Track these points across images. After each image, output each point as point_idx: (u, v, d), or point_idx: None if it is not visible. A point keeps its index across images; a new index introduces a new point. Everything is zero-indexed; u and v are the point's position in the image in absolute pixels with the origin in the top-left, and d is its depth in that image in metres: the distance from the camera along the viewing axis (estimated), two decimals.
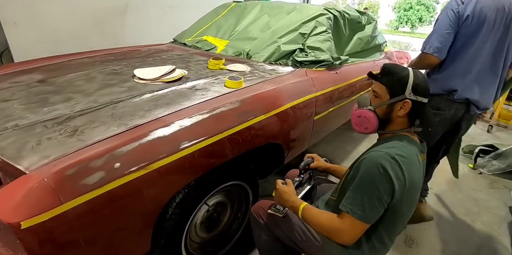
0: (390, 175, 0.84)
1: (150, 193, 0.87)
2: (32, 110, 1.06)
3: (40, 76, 1.45)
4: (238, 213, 1.46)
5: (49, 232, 0.69)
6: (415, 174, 0.89)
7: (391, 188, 0.84)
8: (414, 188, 0.90)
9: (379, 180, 0.85)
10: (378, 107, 0.98)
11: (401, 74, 0.94)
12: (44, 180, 0.70)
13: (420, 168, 0.93)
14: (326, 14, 2.07)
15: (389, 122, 0.99)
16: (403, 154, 0.87)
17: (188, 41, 2.28)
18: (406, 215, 0.96)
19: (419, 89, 0.93)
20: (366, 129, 1.00)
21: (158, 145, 0.90)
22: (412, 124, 0.99)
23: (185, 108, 1.08)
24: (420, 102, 0.94)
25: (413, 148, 0.94)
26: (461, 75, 1.44)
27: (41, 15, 2.76)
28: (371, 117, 0.97)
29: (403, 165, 0.85)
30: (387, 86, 0.96)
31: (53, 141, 0.87)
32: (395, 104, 0.95)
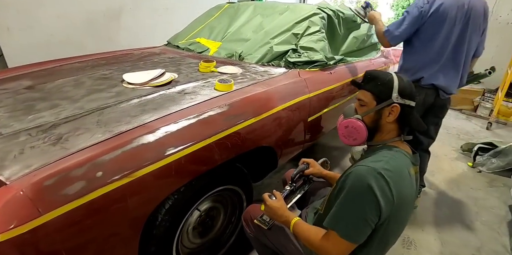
0: (376, 194, 0.78)
1: (135, 202, 0.86)
2: (17, 118, 1.04)
3: (29, 82, 1.44)
4: (232, 218, 1.44)
5: (28, 245, 0.68)
6: (405, 189, 0.84)
7: (377, 208, 0.78)
8: (404, 204, 0.85)
9: (364, 199, 0.79)
10: (365, 115, 0.94)
11: (386, 79, 0.91)
12: (22, 192, 0.68)
13: (411, 181, 0.87)
14: (320, 14, 2.05)
15: (378, 131, 0.94)
16: (390, 169, 0.81)
17: (181, 44, 2.27)
18: (398, 232, 0.92)
19: (405, 92, 0.90)
20: (355, 140, 0.96)
21: (142, 152, 0.88)
22: (402, 132, 0.95)
23: (172, 113, 1.06)
24: (408, 105, 0.91)
25: (402, 160, 0.88)
26: (429, 65, 1.61)
27: (34, 20, 2.75)
28: (360, 126, 0.93)
29: (390, 181, 0.79)
30: (372, 92, 0.92)
31: (36, 150, 0.85)
32: (383, 110, 0.91)
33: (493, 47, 3.86)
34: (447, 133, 3.22)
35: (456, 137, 3.13)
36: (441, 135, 3.12)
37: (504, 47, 3.75)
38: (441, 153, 2.76)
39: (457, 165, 2.56)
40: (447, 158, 2.68)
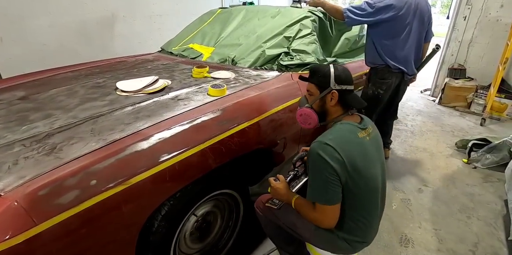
0: (326, 159, 0.95)
1: (130, 209, 0.86)
2: (10, 129, 1.05)
3: (23, 93, 1.44)
4: (229, 222, 1.45)
5: (24, 254, 0.68)
6: (355, 150, 1.00)
7: (333, 170, 0.95)
8: (360, 162, 1.00)
9: (319, 165, 0.97)
10: (313, 103, 1.13)
11: (323, 71, 1.10)
12: (16, 202, 0.69)
13: (362, 144, 1.03)
14: (311, 17, 2.08)
15: (327, 114, 1.13)
16: (335, 137, 0.99)
17: (174, 50, 2.28)
18: (367, 189, 1.04)
19: (341, 79, 1.08)
20: (309, 124, 1.15)
21: (136, 159, 0.89)
22: (346, 110, 1.12)
23: (166, 119, 1.08)
24: (345, 90, 1.09)
25: (347, 128, 1.05)
26: (398, 54, 2.01)
27: (27, 30, 2.76)
28: (310, 112, 1.13)
29: (336, 147, 0.96)
30: (315, 83, 1.12)
31: (30, 160, 0.86)
32: (325, 96, 1.10)
33: (484, 44, 3.91)
34: (441, 130, 3.25)
35: (450, 134, 3.16)
36: (436, 133, 3.16)
37: (495, 43, 3.79)
38: (436, 150, 2.78)
39: (452, 162, 2.58)
40: (442, 155, 2.70)
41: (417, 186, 2.21)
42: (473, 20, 3.89)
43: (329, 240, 1.09)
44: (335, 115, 1.12)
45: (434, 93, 4.45)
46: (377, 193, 1.09)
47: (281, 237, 1.28)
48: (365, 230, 1.08)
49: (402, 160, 2.59)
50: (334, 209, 0.99)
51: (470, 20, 3.90)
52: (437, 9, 22.32)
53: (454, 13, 4.01)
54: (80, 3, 3.05)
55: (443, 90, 4.04)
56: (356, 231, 1.06)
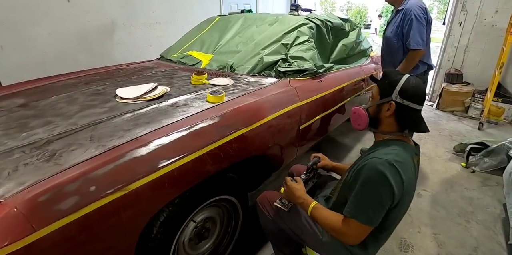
0: (390, 181, 0.89)
1: (129, 215, 0.87)
2: (11, 136, 1.06)
3: (23, 100, 1.46)
4: (228, 228, 1.45)
5: None
6: (411, 177, 0.97)
7: (392, 193, 0.90)
8: (410, 190, 0.98)
9: (381, 187, 0.91)
10: (369, 106, 1.09)
11: (394, 78, 1.03)
12: (16, 209, 0.69)
13: (414, 169, 1.01)
14: (308, 24, 2.11)
15: (379, 122, 1.07)
16: (400, 160, 0.93)
17: (173, 57, 2.31)
18: (402, 215, 1.04)
19: (407, 93, 0.99)
20: (359, 125, 1.11)
21: (135, 166, 0.90)
22: (401, 128, 1.04)
23: (165, 126, 1.09)
24: (407, 106, 1.00)
25: (408, 152, 1.00)
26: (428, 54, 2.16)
27: (27, 38, 2.79)
28: (363, 114, 1.08)
29: (401, 171, 0.92)
30: (379, 87, 1.06)
31: (30, 167, 0.87)
32: (383, 104, 1.03)
33: (479, 49, 3.96)
34: (439, 135, 3.26)
35: (448, 138, 3.17)
36: (434, 137, 3.17)
37: (491, 48, 3.84)
38: (435, 154, 2.79)
39: (451, 166, 2.59)
40: (440, 159, 2.71)
41: (416, 191, 2.21)
42: (468, 26, 3.95)
43: (336, 252, 1.07)
44: (388, 129, 1.05)
45: (432, 97, 4.48)
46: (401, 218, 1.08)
47: (280, 237, 1.27)
48: (377, 247, 1.08)
49: None
50: (368, 230, 0.94)
51: (466, 26, 3.96)
52: (433, 15, 22.51)
53: (450, 19, 4.07)
54: (81, 11, 3.10)
55: (441, 95, 4.08)
56: (369, 248, 1.05)
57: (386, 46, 2.19)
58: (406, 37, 1.99)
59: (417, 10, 1.94)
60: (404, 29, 1.99)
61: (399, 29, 2.03)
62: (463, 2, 3.89)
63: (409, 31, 1.96)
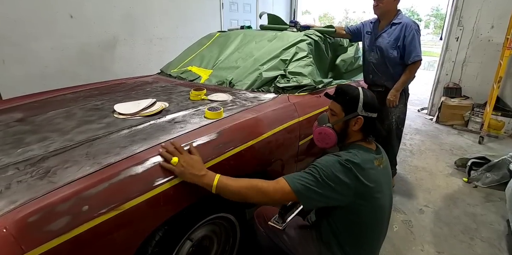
0: (338, 171, 0.93)
1: (123, 235, 0.84)
2: (5, 152, 1.05)
3: (20, 114, 1.46)
4: (226, 247, 1.41)
5: None
6: (368, 178, 0.96)
7: (339, 190, 0.93)
8: (371, 188, 0.97)
9: (328, 170, 0.94)
10: (335, 123, 1.11)
11: (353, 94, 1.07)
12: (5, 229, 0.67)
13: (376, 170, 1.01)
14: (307, 40, 2.14)
15: (346, 136, 1.11)
16: (353, 159, 0.96)
17: (173, 72, 2.33)
18: (373, 217, 1.02)
19: (368, 106, 1.06)
20: (327, 144, 1.13)
21: (130, 184, 0.88)
22: (366, 135, 1.11)
23: (162, 143, 1.08)
24: (370, 117, 1.07)
25: (366, 154, 1.03)
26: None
27: (29, 52, 2.83)
28: (331, 133, 1.10)
29: (354, 168, 0.94)
30: (341, 104, 1.09)
31: (23, 185, 0.85)
32: (350, 120, 1.08)
33: (477, 63, 4.01)
34: (440, 149, 3.24)
35: (449, 152, 3.15)
36: (434, 151, 3.15)
37: (488, 63, 3.89)
38: (436, 169, 2.76)
39: (453, 181, 2.55)
40: (442, 174, 2.68)
41: (418, 207, 2.17)
42: (465, 41, 4.01)
43: None
44: (354, 140, 1.10)
45: (431, 111, 4.49)
46: (383, 222, 1.08)
47: (275, 254, 1.25)
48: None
49: (402, 180, 2.56)
50: (289, 195, 0.94)
51: (463, 41, 4.03)
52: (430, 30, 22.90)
53: (447, 34, 4.15)
54: (83, 26, 3.16)
55: (440, 109, 4.09)
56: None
57: (381, 57, 2.18)
58: (409, 49, 2.05)
59: (415, 26, 2.07)
60: (405, 41, 2.06)
61: (400, 41, 2.07)
62: (459, 18, 3.97)
63: (411, 44, 2.03)
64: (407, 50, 2.06)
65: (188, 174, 0.94)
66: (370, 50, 2.25)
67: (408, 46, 2.05)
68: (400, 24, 2.08)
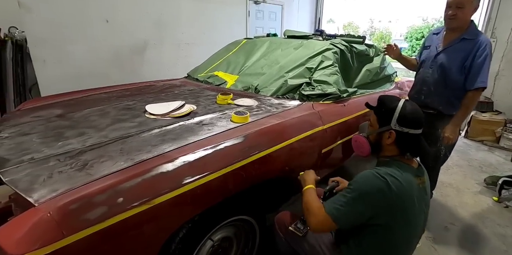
0: (374, 191, 0.91)
1: (152, 228, 0.88)
2: (47, 144, 1.12)
3: (60, 111, 1.55)
4: (245, 250, 1.42)
5: None
6: (408, 197, 0.94)
7: (373, 207, 0.91)
8: (407, 208, 0.94)
9: (363, 192, 0.92)
10: (370, 134, 1.11)
11: (390, 106, 1.04)
12: (49, 214, 0.72)
13: (413, 189, 0.97)
14: (332, 49, 2.15)
15: (381, 149, 1.09)
16: (391, 174, 0.94)
17: (200, 77, 2.40)
18: (405, 235, 0.98)
19: (405, 121, 1.01)
20: (361, 152, 1.15)
21: (161, 181, 0.92)
22: (403, 152, 1.05)
23: (190, 143, 1.12)
24: (406, 132, 1.01)
25: (406, 172, 0.98)
26: None
27: (67, 54, 3.02)
28: (364, 142, 1.11)
29: (391, 184, 0.91)
30: (377, 116, 1.08)
31: (63, 175, 0.91)
32: (383, 133, 1.05)
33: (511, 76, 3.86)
34: (468, 165, 3.11)
35: (478, 169, 3.01)
36: (462, 168, 3.03)
37: None
38: (464, 186, 2.65)
39: (481, 200, 2.44)
40: (470, 191, 2.56)
41: (443, 224, 2.09)
42: (499, 53, 3.87)
43: None
44: (390, 154, 1.06)
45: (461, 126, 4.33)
46: (413, 241, 1.05)
47: None
48: None
49: None
50: (328, 222, 0.94)
51: (496, 53, 3.88)
52: None
53: None
54: (116, 31, 3.33)
55: (469, 123, 3.93)
56: None
57: (440, 77, 1.81)
58: (474, 72, 1.67)
59: (490, 45, 1.68)
60: (473, 62, 1.67)
61: (468, 61, 1.69)
62: (492, 29, 3.85)
63: (480, 66, 1.65)
64: (472, 72, 1.67)
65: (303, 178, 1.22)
66: (427, 67, 1.87)
67: (476, 68, 1.66)
68: (473, 40, 1.68)
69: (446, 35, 1.81)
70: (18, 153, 1.07)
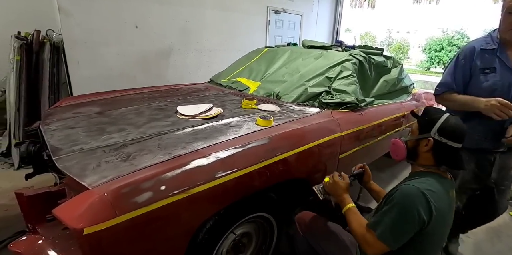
0: (419, 210, 0.94)
1: (187, 216, 0.98)
2: (93, 137, 1.25)
3: (98, 108, 1.69)
4: (262, 246, 1.50)
5: (103, 240, 0.81)
6: (444, 207, 0.99)
7: (419, 222, 0.94)
8: (442, 219, 1.00)
9: (408, 214, 0.95)
10: (409, 140, 1.15)
11: (433, 116, 1.09)
12: (105, 195, 0.83)
13: (450, 202, 1.04)
14: (351, 60, 2.24)
15: (417, 156, 1.13)
16: (432, 189, 0.98)
17: (223, 82, 2.52)
18: (434, 243, 1.05)
19: (445, 132, 1.05)
20: (396, 156, 1.18)
21: (196, 173, 1.03)
22: (438, 162, 1.10)
23: (220, 142, 1.22)
24: (445, 143, 1.05)
25: (442, 184, 1.03)
26: None
27: (99, 56, 3.22)
28: (401, 146, 1.15)
29: (432, 200, 0.96)
30: (419, 124, 1.14)
31: (110, 164, 1.03)
32: (421, 140, 1.10)
33: None
34: None
35: None
36: None
37: None
38: None
39: None
40: None
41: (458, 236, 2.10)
42: None
43: None
44: (425, 163, 1.11)
45: None
46: (438, 249, 1.11)
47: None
48: None
49: None
50: (383, 248, 0.97)
51: None
52: None
53: None
54: (145, 36, 3.53)
55: None
56: None
57: None
58: None
59: None
60: None
61: None
62: None
63: None
64: None
65: (332, 193, 1.20)
66: (506, 98, 1.32)
67: None
68: None
69: (511, 52, 1.40)
70: (68, 143, 1.20)
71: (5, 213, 2.11)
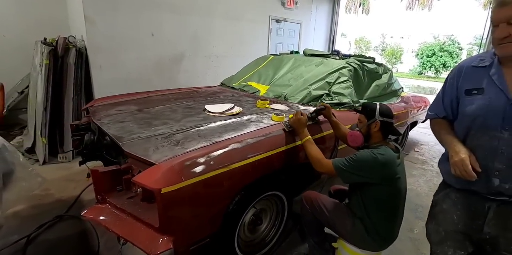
0: (370, 165, 1.34)
1: (227, 185, 1.31)
2: (144, 128, 1.57)
3: (135, 107, 2.01)
4: (275, 222, 1.82)
5: (174, 198, 1.13)
6: (393, 167, 1.37)
7: (369, 173, 1.35)
8: (395, 176, 1.38)
9: (366, 162, 1.34)
10: (361, 128, 1.52)
11: (372, 107, 1.51)
12: (173, 166, 1.15)
13: (397, 163, 1.39)
14: (348, 67, 2.59)
15: (370, 137, 1.50)
16: (383, 153, 1.36)
17: (235, 85, 2.86)
18: (397, 197, 1.44)
19: (384, 113, 1.47)
20: (356, 143, 1.52)
21: (233, 154, 1.35)
22: (385, 136, 1.50)
23: (247, 132, 1.55)
24: (386, 121, 1.47)
25: (390, 151, 1.40)
26: None
27: (119, 61, 3.53)
28: (359, 135, 1.50)
29: (383, 160, 1.34)
30: (365, 114, 1.52)
31: (165, 148, 1.34)
32: (371, 124, 1.48)
33: None
34: None
35: None
36: None
37: None
38: None
39: None
40: None
41: None
42: None
43: (361, 239, 1.45)
44: (376, 140, 1.48)
45: None
46: (400, 202, 1.46)
47: (314, 227, 1.67)
48: (390, 231, 1.45)
49: (427, 195, 2.84)
50: (331, 170, 1.41)
51: None
52: None
53: None
54: (160, 43, 3.85)
55: None
56: (383, 232, 1.43)
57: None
58: None
59: None
60: None
61: None
62: None
63: None
64: None
65: (294, 126, 1.62)
66: (496, 128, 1.05)
67: None
68: None
69: (508, 70, 1.06)
70: (126, 133, 1.51)
71: (39, 201, 2.40)
